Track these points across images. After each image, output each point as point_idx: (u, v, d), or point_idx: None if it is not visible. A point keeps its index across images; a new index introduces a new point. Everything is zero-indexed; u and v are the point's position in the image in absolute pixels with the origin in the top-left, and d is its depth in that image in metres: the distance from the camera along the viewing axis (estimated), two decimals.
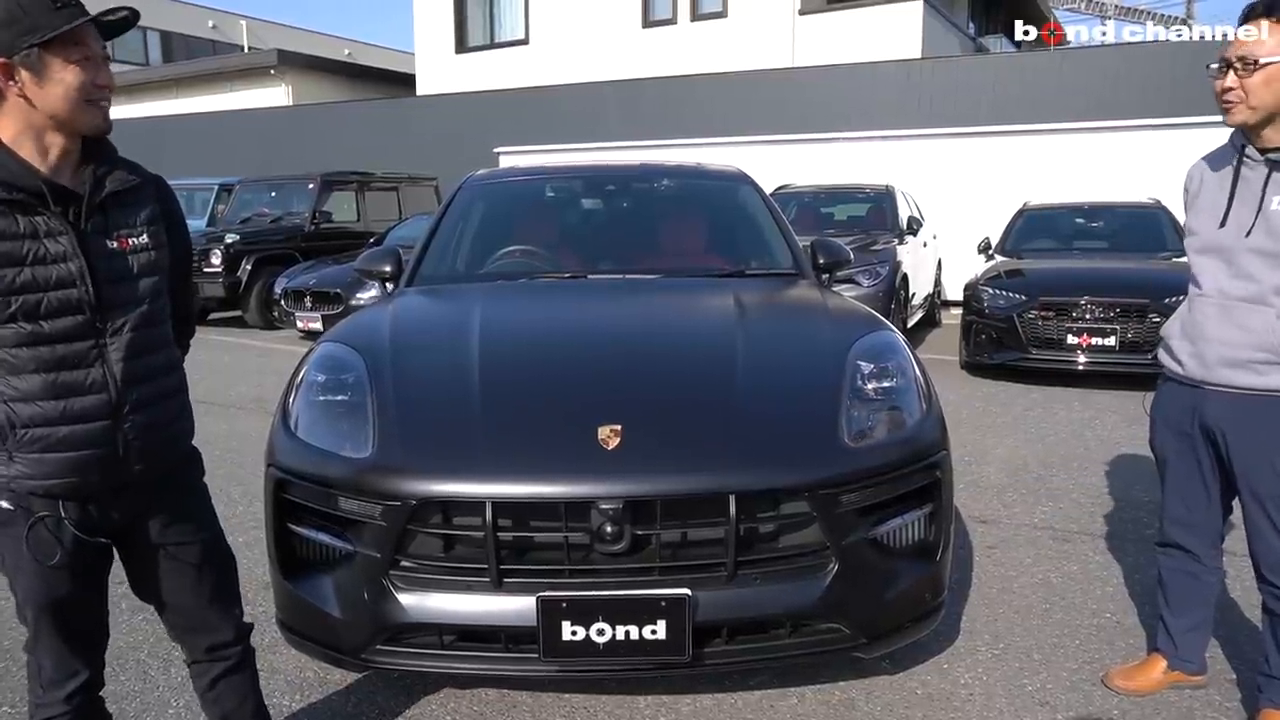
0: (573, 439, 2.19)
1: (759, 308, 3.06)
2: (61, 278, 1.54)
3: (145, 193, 1.71)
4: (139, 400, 1.65)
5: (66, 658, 1.74)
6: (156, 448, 1.71)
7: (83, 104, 1.54)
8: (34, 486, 1.59)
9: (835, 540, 2.15)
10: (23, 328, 1.52)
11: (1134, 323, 6.59)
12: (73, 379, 1.57)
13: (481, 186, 4.15)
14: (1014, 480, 4.57)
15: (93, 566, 1.72)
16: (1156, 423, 2.44)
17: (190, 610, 1.87)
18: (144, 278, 1.67)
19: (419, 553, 2.17)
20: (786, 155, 12.57)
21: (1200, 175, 2.38)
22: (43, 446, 1.57)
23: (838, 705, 2.51)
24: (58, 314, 1.54)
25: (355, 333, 2.87)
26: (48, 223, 1.54)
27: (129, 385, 1.63)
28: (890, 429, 2.39)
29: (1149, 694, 2.52)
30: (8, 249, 1.50)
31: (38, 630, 1.70)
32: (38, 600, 1.66)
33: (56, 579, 1.65)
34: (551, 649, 2.06)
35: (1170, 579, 2.48)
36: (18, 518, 1.60)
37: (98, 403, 1.60)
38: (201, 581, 1.86)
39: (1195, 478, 2.35)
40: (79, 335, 1.57)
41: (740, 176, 4.17)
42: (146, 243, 1.68)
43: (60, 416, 1.57)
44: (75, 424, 1.58)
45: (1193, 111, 10.90)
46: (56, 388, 1.56)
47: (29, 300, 1.52)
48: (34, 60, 1.48)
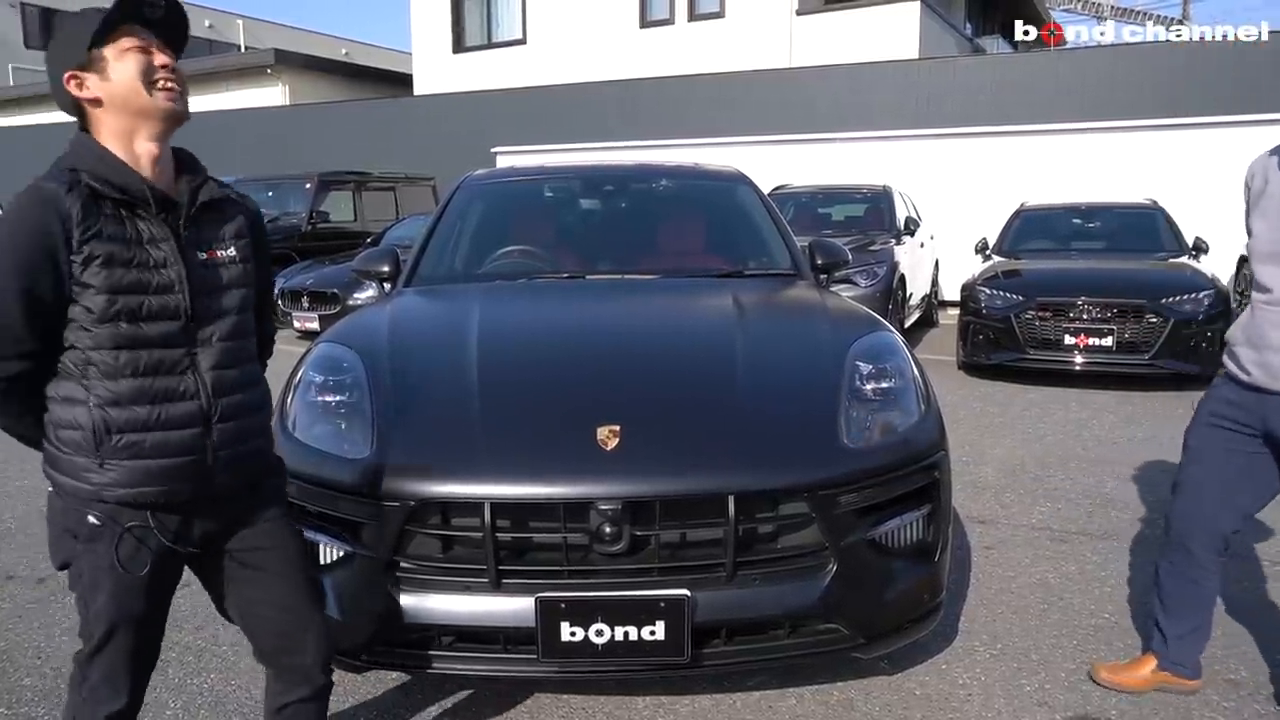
0: (571, 439, 2.19)
1: (757, 308, 3.05)
2: (162, 283, 1.56)
3: (234, 208, 1.73)
4: (227, 410, 1.65)
5: (118, 678, 1.69)
6: (243, 459, 1.70)
7: (148, 87, 1.55)
8: (124, 495, 1.57)
9: (834, 541, 2.15)
10: (122, 328, 1.53)
11: (1131, 323, 6.60)
12: (166, 385, 1.58)
13: (480, 186, 4.14)
14: (1012, 480, 4.58)
15: (167, 584, 1.70)
16: (1203, 418, 2.38)
17: (276, 627, 1.82)
18: (233, 289, 1.69)
19: (417, 553, 2.17)
20: (784, 155, 12.56)
21: (1265, 173, 2.28)
22: (134, 453, 1.56)
23: (836, 706, 2.51)
24: (157, 318, 1.56)
25: (353, 333, 2.86)
26: (150, 228, 1.57)
27: (219, 395, 1.63)
28: (889, 430, 2.39)
29: (1135, 691, 2.52)
30: (117, 250, 1.52)
31: (100, 648, 1.65)
32: (114, 616, 1.62)
33: (136, 594, 1.62)
34: (550, 650, 2.06)
35: (1169, 582, 2.46)
36: (104, 533, 1.58)
37: (189, 410, 1.60)
38: (289, 596, 1.81)
39: (1238, 480, 2.30)
40: (174, 342, 1.59)
41: (738, 176, 4.17)
42: (234, 256, 1.70)
43: (154, 422, 1.57)
44: (168, 430, 1.58)
45: (1190, 112, 10.95)
46: (151, 393, 1.56)
47: (131, 301, 1.53)
48: (94, 63, 1.53)
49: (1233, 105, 10.76)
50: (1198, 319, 6.57)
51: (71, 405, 1.57)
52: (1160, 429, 5.60)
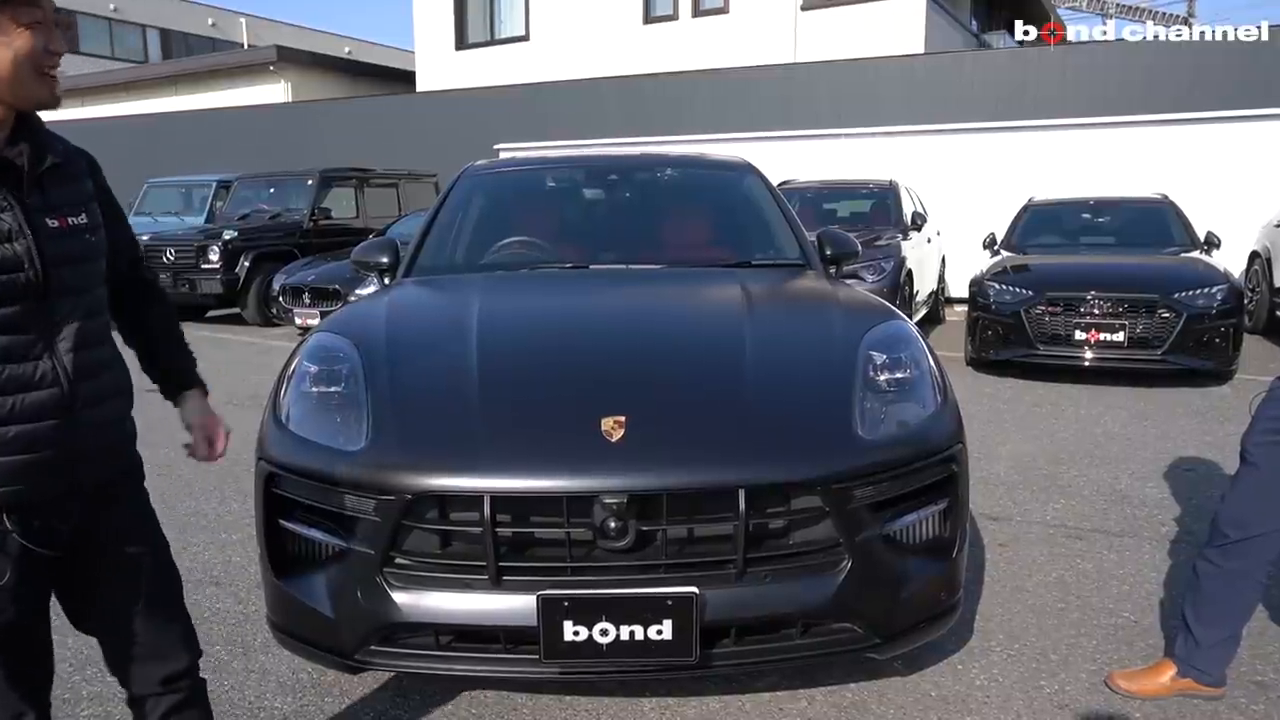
0: (575, 431, 2.10)
1: (766, 298, 2.97)
2: (5, 258, 1.37)
3: (79, 168, 1.54)
4: (92, 395, 1.49)
5: (9, 697, 1.54)
6: (110, 448, 1.57)
7: (32, 73, 1.38)
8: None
9: (848, 536, 2.06)
10: None
11: (1142, 318, 6.50)
12: (20, 372, 1.40)
13: (481, 176, 4.07)
14: (1024, 477, 4.49)
15: (36, 589, 1.53)
16: (1261, 423, 2.28)
17: (141, 634, 1.65)
18: (90, 261, 1.52)
19: (415, 549, 2.09)
20: (789, 151, 12.48)
21: None
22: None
23: (849, 708, 2.42)
24: (2, 300, 1.37)
25: (349, 323, 2.79)
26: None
27: (81, 379, 1.47)
28: (904, 421, 2.30)
29: (1153, 698, 2.42)
30: None
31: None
32: None
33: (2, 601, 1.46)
34: (552, 650, 1.97)
35: (1210, 586, 2.35)
36: None
37: (49, 398, 1.43)
38: (154, 601, 1.66)
39: None
40: (23, 325, 1.40)
41: (745, 166, 4.09)
42: (86, 223, 1.52)
43: (8, 415, 1.40)
44: (25, 423, 1.41)
45: (1200, 106, 10.85)
46: (5, 381, 1.39)
47: None
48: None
49: (1243, 100, 10.66)
50: (1211, 314, 6.46)
51: None
52: (1173, 424, 5.50)
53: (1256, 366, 6.99)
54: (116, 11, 31.02)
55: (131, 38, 31.57)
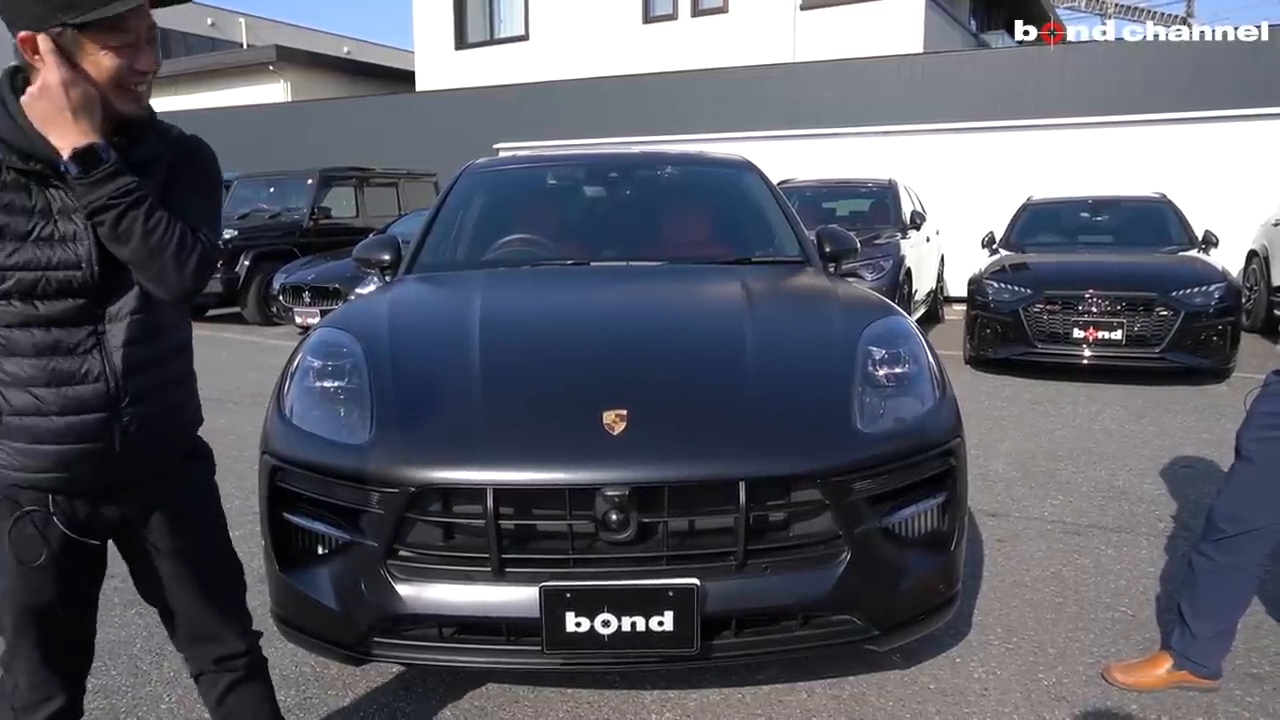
0: (577, 424, 2.12)
1: (766, 293, 2.99)
2: (65, 260, 1.41)
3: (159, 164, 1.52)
4: (140, 391, 1.50)
5: (43, 677, 1.58)
6: (159, 442, 1.57)
7: (114, 89, 1.40)
8: (20, 479, 1.46)
9: (848, 529, 2.08)
10: (14, 306, 1.40)
11: (1140, 316, 6.52)
12: (67, 366, 1.44)
13: (482, 174, 4.08)
14: (1023, 474, 4.51)
15: (81, 573, 1.57)
16: (1257, 419, 2.29)
17: (195, 617, 1.71)
18: None
19: (418, 542, 2.10)
20: (788, 151, 12.49)
21: None
22: (33, 436, 1.44)
23: (848, 700, 2.44)
24: (56, 296, 1.42)
25: (353, 318, 2.80)
26: (64, 198, 1.42)
27: (130, 375, 1.49)
28: (903, 415, 2.32)
29: (1151, 690, 2.44)
30: (11, 223, 1.38)
31: (15, 642, 1.55)
32: (17, 606, 1.51)
33: (40, 583, 1.50)
34: (554, 641, 1.99)
35: (1205, 581, 2.36)
36: (2, 511, 1.47)
37: (94, 393, 1.46)
38: (207, 587, 1.70)
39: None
40: (75, 320, 1.44)
41: (744, 164, 4.11)
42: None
43: (55, 406, 1.44)
44: (70, 415, 1.45)
45: (1198, 106, 10.87)
46: (50, 374, 1.43)
47: (25, 278, 1.39)
48: (67, 40, 1.34)
49: (1242, 99, 10.68)
50: (1209, 312, 6.49)
51: None
52: (1171, 422, 5.52)
53: (1254, 364, 7.01)
54: None
55: None
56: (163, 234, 1.41)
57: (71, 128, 1.35)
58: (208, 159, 1.61)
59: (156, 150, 1.51)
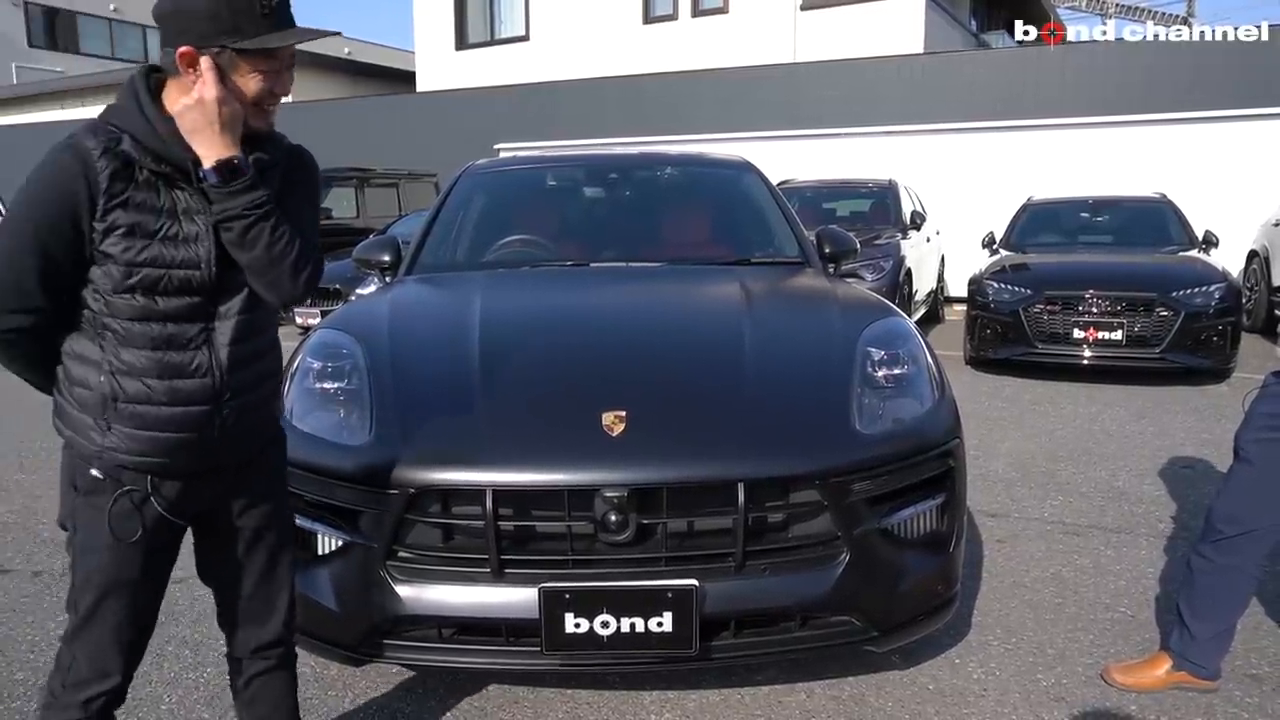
0: (576, 425, 2.12)
1: (766, 295, 2.99)
2: (187, 259, 1.50)
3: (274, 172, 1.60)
4: (241, 385, 1.60)
5: (105, 654, 1.63)
6: (253, 432, 1.67)
7: (254, 108, 1.52)
8: (126, 460, 1.54)
9: (846, 530, 2.09)
10: (137, 300, 1.49)
11: (1141, 316, 6.52)
12: (179, 360, 1.53)
13: (482, 175, 4.09)
14: (1022, 475, 4.51)
15: (162, 554, 1.66)
16: (1256, 419, 2.29)
17: (253, 600, 1.80)
18: None
19: (417, 543, 2.11)
20: (788, 151, 12.49)
21: None
22: (140, 423, 1.52)
23: (847, 701, 2.44)
24: (175, 293, 1.50)
25: (352, 320, 2.81)
26: (189, 200, 1.50)
27: (233, 370, 1.58)
28: (902, 416, 2.33)
29: (1150, 691, 2.44)
30: (142, 221, 1.46)
31: (87, 619, 1.61)
32: (103, 581, 1.58)
33: (128, 560, 1.58)
34: (554, 642, 2.00)
35: (1203, 582, 2.36)
36: (105, 487, 1.54)
37: (201, 387, 1.55)
38: (271, 569, 1.79)
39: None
40: (190, 317, 1.53)
41: (744, 164, 4.11)
42: None
43: (164, 396, 1.52)
44: (177, 406, 1.53)
45: (1198, 106, 10.87)
46: (162, 367, 1.52)
47: (151, 275, 1.48)
48: (224, 60, 1.45)
49: (1242, 99, 10.68)
50: (1209, 312, 6.49)
51: (84, 364, 1.53)
52: (1171, 423, 5.52)
53: (1254, 365, 7.00)
54: (117, 12, 31.03)
55: (132, 38, 31.58)
56: (284, 246, 1.53)
57: (217, 140, 1.45)
58: (313, 168, 1.73)
59: (274, 159, 1.61)
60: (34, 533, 3.79)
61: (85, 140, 1.44)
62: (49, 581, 3.28)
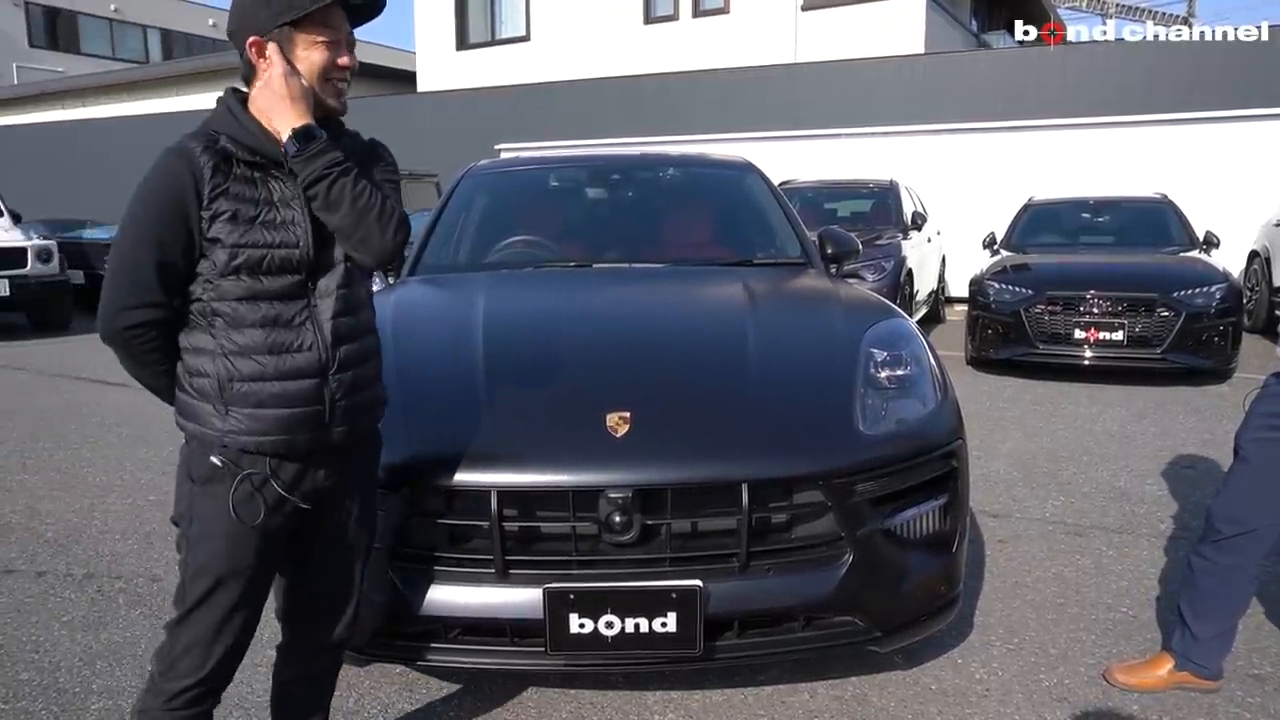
0: (580, 426, 2.13)
1: (768, 296, 3.00)
2: (286, 240, 1.61)
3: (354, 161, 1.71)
4: (346, 359, 1.68)
5: (207, 645, 1.65)
6: (360, 409, 1.74)
7: (322, 82, 1.63)
8: (246, 442, 1.60)
9: (850, 531, 2.10)
10: (243, 281, 1.59)
11: (1142, 317, 6.53)
12: (286, 337, 1.62)
13: (484, 176, 4.09)
14: (1024, 475, 4.52)
15: (275, 541, 1.69)
16: (1255, 419, 2.30)
17: (329, 592, 1.84)
18: None
19: (422, 544, 2.11)
20: (789, 151, 12.51)
21: None
22: (256, 402, 1.60)
23: (850, 701, 2.45)
24: (278, 272, 1.60)
25: None
26: (283, 188, 1.62)
27: (337, 344, 1.67)
28: (905, 417, 2.33)
29: (1152, 691, 2.45)
30: (242, 208, 1.58)
31: (196, 606, 1.64)
32: (217, 568, 1.62)
33: (243, 547, 1.63)
34: (558, 642, 2.00)
35: (1204, 582, 2.37)
36: (223, 475, 1.61)
37: (308, 361, 1.63)
38: (348, 565, 1.85)
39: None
40: (292, 295, 1.63)
41: (746, 165, 4.11)
42: None
43: (275, 372, 1.61)
44: (288, 380, 1.62)
45: (1199, 106, 10.88)
46: (271, 344, 1.61)
47: (254, 255, 1.58)
48: (284, 38, 1.59)
49: (1243, 99, 10.69)
50: (1210, 313, 6.50)
51: (199, 355, 1.62)
52: (1171, 423, 5.53)
53: (1255, 365, 7.01)
54: (117, 12, 31.07)
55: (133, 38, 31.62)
56: (368, 199, 1.64)
57: (290, 111, 1.59)
58: (390, 156, 1.84)
59: (350, 149, 1.72)
60: (38, 533, 3.80)
61: (188, 142, 1.58)
62: (53, 582, 3.29)
